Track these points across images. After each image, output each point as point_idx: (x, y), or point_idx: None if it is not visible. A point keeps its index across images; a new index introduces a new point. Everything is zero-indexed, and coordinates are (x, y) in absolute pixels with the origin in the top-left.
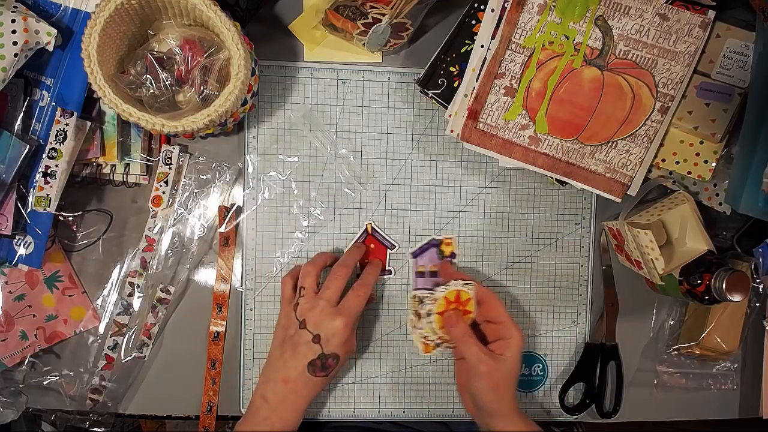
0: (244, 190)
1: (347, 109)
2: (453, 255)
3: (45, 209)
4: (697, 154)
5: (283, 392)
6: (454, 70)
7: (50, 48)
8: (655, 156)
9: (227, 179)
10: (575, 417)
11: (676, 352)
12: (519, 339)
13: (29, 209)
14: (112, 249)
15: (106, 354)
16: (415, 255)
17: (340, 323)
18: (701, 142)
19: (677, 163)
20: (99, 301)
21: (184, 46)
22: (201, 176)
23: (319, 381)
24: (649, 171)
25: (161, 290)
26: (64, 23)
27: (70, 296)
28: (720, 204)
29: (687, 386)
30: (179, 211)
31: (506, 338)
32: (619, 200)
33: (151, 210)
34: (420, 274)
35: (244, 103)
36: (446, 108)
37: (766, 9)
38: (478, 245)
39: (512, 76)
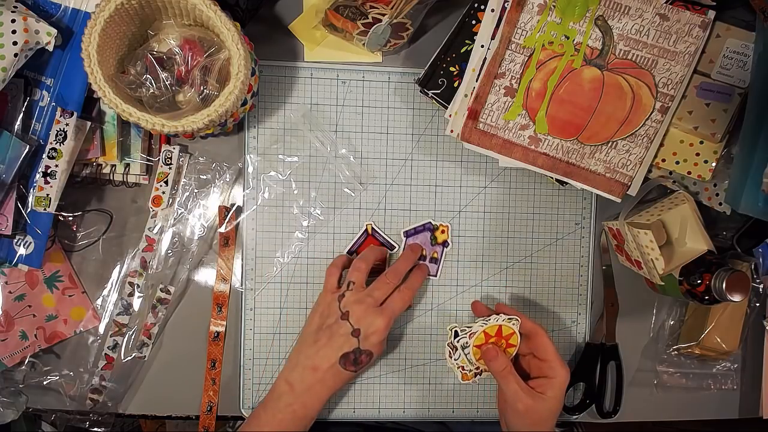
0: (244, 190)
1: (347, 109)
2: (446, 243)
3: (45, 209)
4: (697, 154)
5: (311, 380)
6: (454, 70)
7: (50, 48)
8: (655, 156)
9: (227, 179)
10: (575, 417)
11: (676, 352)
12: (564, 378)
13: (29, 209)
14: (112, 249)
15: (106, 354)
16: (408, 235)
17: (382, 322)
18: (701, 142)
19: (677, 163)
20: (99, 301)
21: (184, 46)
22: (201, 176)
23: (347, 375)
24: (649, 171)
25: (161, 290)
26: (64, 23)
27: (70, 296)
28: (720, 204)
29: (687, 386)
30: (179, 211)
31: (550, 377)
32: (619, 200)
33: (151, 210)
34: None
35: (244, 103)
36: (446, 108)
37: (766, 9)
38: (478, 245)
39: (512, 76)
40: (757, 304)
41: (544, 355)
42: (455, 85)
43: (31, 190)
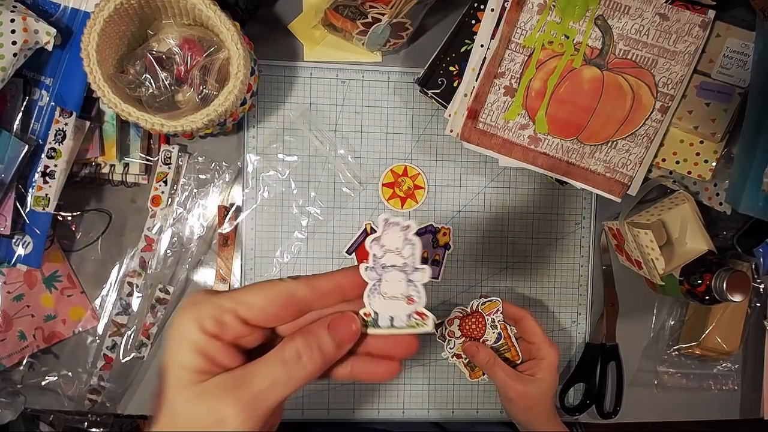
0: (243, 190)
1: (347, 109)
2: (447, 246)
3: (44, 209)
4: (697, 154)
5: None
6: (453, 69)
7: (49, 47)
8: (655, 156)
9: (226, 179)
10: (575, 417)
11: (676, 353)
12: (553, 358)
13: (28, 209)
14: (111, 249)
15: (104, 354)
16: None
17: None
18: (701, 142)
19: (677, 162)
20: (98, 301)
21: (183, 46)
22: (200, 176)
23: None
24: (649, 171)
25: (160, 290)
26: (64, 23)
27: (68, 296)
28: (720, 204)
29: (687, 387)
30: (178, 211)
31: (539, 359)
32: (619, 200)
33: (150, 210)
34: None
35: (244, 103)
36: (446, 108)
37: (766, 9)
38: (478, 245)
39: (512, 75)
40: (758, 304)
41: (532, 338)
42: (455, 84)
43: (30, 190)
